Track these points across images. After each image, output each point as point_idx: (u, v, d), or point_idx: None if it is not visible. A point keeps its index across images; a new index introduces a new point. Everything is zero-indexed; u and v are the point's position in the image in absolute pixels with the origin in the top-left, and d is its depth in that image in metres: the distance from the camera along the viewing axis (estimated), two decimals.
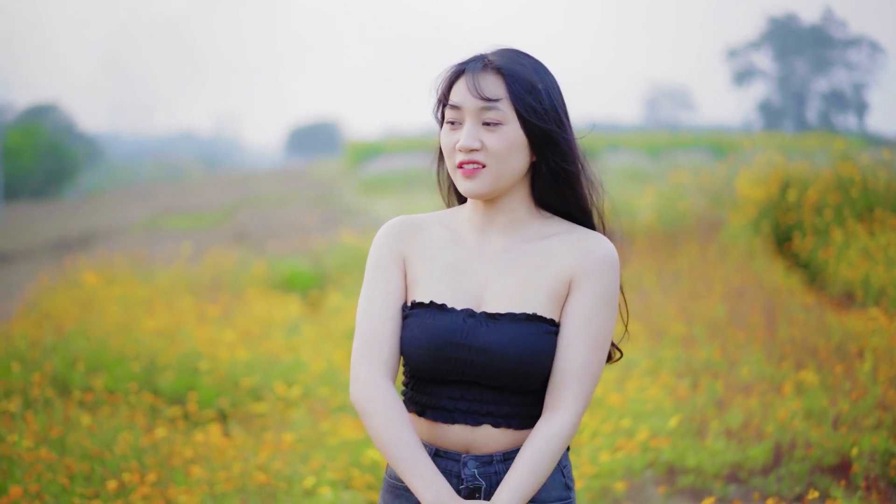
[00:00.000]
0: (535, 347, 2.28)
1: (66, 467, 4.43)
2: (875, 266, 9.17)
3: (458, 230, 2.44)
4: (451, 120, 2.35)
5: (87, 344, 6.55)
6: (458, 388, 2.33)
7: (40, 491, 4.13)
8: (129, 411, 5.62)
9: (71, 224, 23.99)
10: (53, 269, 12.14)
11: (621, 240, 2.55)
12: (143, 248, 14.71)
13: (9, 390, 5.60)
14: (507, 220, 2.39)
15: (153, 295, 9.45)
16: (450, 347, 2.30)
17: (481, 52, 2.40)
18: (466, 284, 2.36)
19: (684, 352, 6.55)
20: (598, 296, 2.31)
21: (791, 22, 58.51)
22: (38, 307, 9.02)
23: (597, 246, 2.35)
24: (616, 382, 6.02)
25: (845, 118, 56.65)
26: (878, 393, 5.34)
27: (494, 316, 2.31)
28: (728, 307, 7.69)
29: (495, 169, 2.32)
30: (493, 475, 2.32)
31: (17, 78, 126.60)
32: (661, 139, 39.34)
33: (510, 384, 2.30)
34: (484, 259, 2.38)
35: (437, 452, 2.35)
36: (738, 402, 5.42)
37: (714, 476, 4.77)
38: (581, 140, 2.43)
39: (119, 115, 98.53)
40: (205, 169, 57.69)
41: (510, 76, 2.32)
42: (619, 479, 4.76)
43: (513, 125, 2.32)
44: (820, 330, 6.88)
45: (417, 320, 2.34)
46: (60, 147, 40.89)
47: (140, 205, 28.12)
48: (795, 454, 4.81)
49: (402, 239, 2.42)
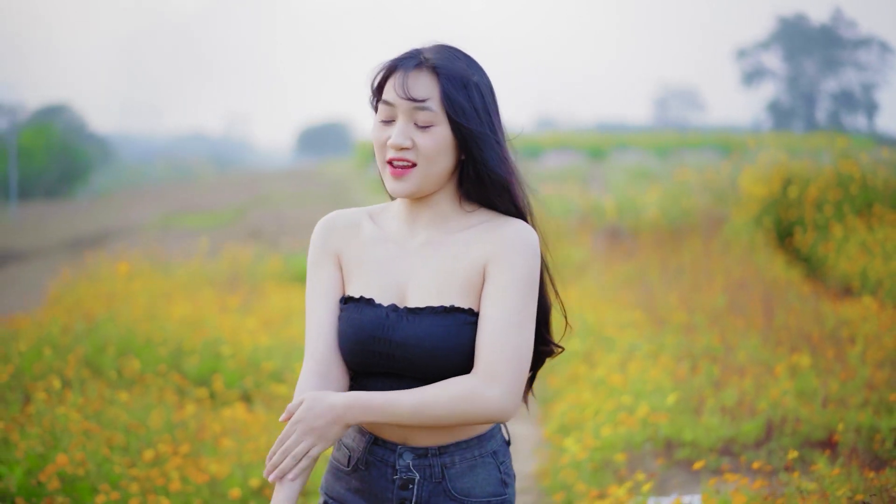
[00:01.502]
0: (452, 339, 2.30)
1: (106, 439, 4.77)
2: (872, 259, 9.49)
3: (387, 225, 2.46)
4: (384, 117, 2.36)
5: (116, 330, 6.89)
6: (388, 381, 2.35)
7: (84, 459, 4.46)
8: (159, 391, 5.97)
9: (84, 223, 24.24)
10: (75, 264, 12.49)
11: (627, 235, 2.70)
12: (158, 245, 15.03)
13: (45, 372, 5.94)
14: (433, 215, 2.41)
15: (174, 288, 9.79)
16: (374, 342, 2.34)
17: (417, 47, 2.40)
18: (392, 279, 2.38)
19: (685, 338, 6.86)
20: (510, 278, 2.30)
21: (800, 22, 58.59)
22: (62, 299, 9.36)
23: (512, 231, 2.34)
24: (619, 365, 6.34)
25: (855, 118, 56.73)
26: (865, 374, 5.66)
27: (415, 310, 2.33)
28: (728, 298, 8.00)
29: (424, 168, 2.34)
30: (427, 468, 2.36)
31: (27, 78, 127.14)
32: (669, 139, 39.58)
33: (433, 377, 2.31)
34: (408, 253, 2.40)
35: (375, 440, 2.39)
36: (733, 382, 5.73)
37: (709, 449, 5.08)
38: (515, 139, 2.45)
39: (129, 116, 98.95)
40: (215, 169, 57.96)
41: (444, 76, 2.33)
42: (620, 451, 5.08)
43: (443, 126, 2.33)
44: (815, 318, 7.20)
45: (347, 315, 2.38)
46: (72, 147, 41.09)
47: (152, 204, 28.34)
48: (786, 429, 5.12)
49: (335, 235, 2.46)
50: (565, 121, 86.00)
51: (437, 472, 2.36)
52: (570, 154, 36.04)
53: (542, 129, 69.90)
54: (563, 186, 18.20)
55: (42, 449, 4.55)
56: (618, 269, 9.82)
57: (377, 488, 2.38)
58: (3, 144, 34.82)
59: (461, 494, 2.36)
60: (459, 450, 2.36)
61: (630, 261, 10.14)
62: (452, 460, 2.36)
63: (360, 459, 2.40)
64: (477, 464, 2.38)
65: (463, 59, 2.38)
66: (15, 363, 5.93)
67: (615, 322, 7.58)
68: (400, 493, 2.36)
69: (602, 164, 30.37)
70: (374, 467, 2.38)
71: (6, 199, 31.85)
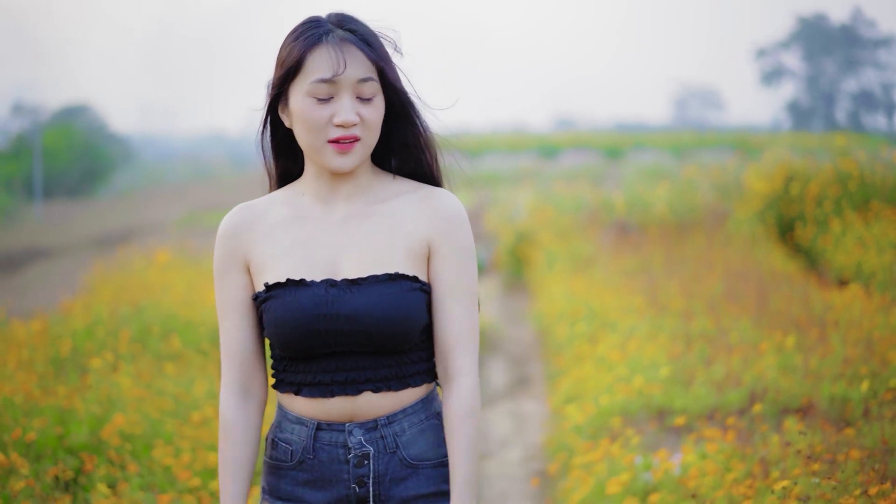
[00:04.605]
0: (404, 305, 2.29)
1: (157, 404, 5.37)
2: (867, 252, 10.03)
3: (298, 205, 2.39)
4: (321, 94, 2.28)
5: (159, 314, 7.51)
6: (333, 360, 2.31)
7: (139, 420, 5.06)
8: (200, 366, 6.58)
9: (109, 220, 24.75)
10: (105, 259, 13.11)
11: (635, 230, 2.89)
12: (185, 241, 15.60)
13: (98, 348, 6.57)
14: (352, 187, 2.38)
15: (206, 278, 10.39)
16: (317, 320, 2.27)
17: (317, 16, 2.35)
18: (318, 256, 2.33)
19: (682, 322, 7.41)
20: (460, 254, 2.35)
21: (820, 22, 58.67)
22: (99, 289, 9.97)
23: (445, 204, 2.37)
24: (619, 344, 6.91)
25: (874, 118, 56.84)
26: (844, 352, 6.20)
27: (356, 281, 2.30)
28: (727, 286, 8.55)
29: (368, 140, 2.32)
30: (380, 440, 2.34)
31: (47, 79, 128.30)
32: (686, 139, 39.93)
33: (385, 346, 2.30)
34: (331, 228, 2.36)
35: (319, 426, 2.34)
36: (722, 359, 6.29)
37: (697, 416, 5.64)
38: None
39: (149, 116, 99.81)
40: (234, 169, 58.55)
41: (377, 47, 2.32)
42: (617, 416, 5.64)
43: (380, 96, 2.32)
44: (804, 304, 7.74)
45: (278, 301, 2.30)
46: (94, 147, 41.68)
47: (174, 203, 28.82)
48: (767, 398, 5.67)
49: (236, 237, 2.38)
50: (584, 120, 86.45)
51: (390, 442, 2.34)
52: (587, 154, 36.51)
53: (561, 128, 70.34)
54: (577, 185, 18.77)
55: (101, 412, 5.14)
56: (624, 261, 10.39)
57: (330, 473, 2.35)
58: (27, 144, 35.47)
59: (416, 460, 2.36)
60: (407, 416, 2.35)
61: (636, 254, 10.71)
62: (402, 427, 2.35)
63: (307, 448, 2.35)
64: (426, 427, 2.37)
65: (364, 23, 2.35)
66: (71, 341, 6.57)
67: (618, 307, 8.14)
68: (356, 471, 2.33)
69: (618, 164, 30.85)
70: (322, 452, 2.34)
71: (31, 198, 32.48)
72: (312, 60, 2.28)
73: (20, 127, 41.38)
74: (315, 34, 2.29)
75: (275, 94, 2.34)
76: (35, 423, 4.76)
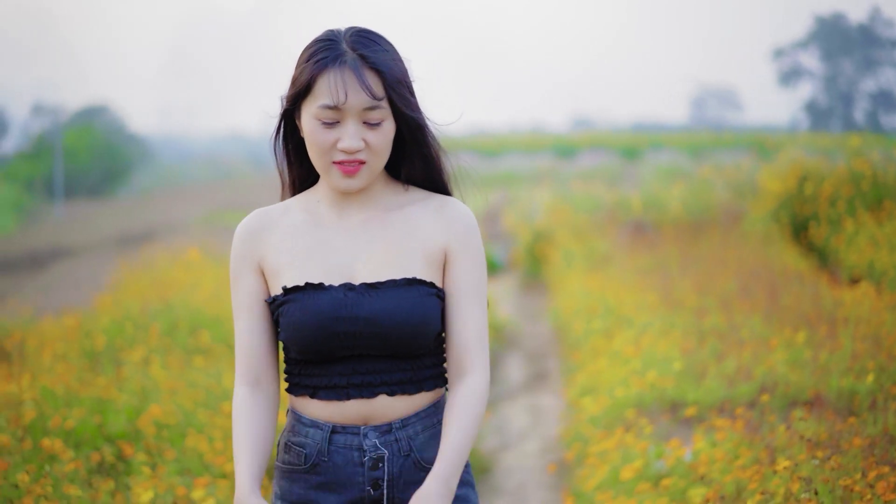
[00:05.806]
0: (421, 309, 2.33)
1: (190, 395, 5.60)
2: (879, 251, 10.21)
3: (314, 211, 2.43)
4: (326, 118, 2.31)
5: (186, 310, 7.75)
6: (349, 363, 2.34)
7: (173, 410, 5.29)
8: (228, 360, 6.80)
9: (129, 220, 24.99)
10: (128, 257, 13.37)
11: (651, 229, 2.96)
12: (207, 240, 15.82)
13: (130, 343, 6.81)
14: (365, 195, 2.41)
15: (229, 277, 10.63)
16: (337, 323, 2.30)
17: (330, 33, 2.35)
18: (335, 260, 2.36)
19: (695, 318, 7.61)
20: (475, 262, 2.40)
21: (838, 22, 58.61)
22: (124, 287, 10.23)
23: (460, 212, 2.42)
24: (633, 339, 7.11)
25: (892, 118, 56.77)
26: (852, 347, 6.39)
27: (375, 285, 2.33)
28: (740, 284, 8.74)
29: (374, 164, 2.34)
30: (395, 443, 2.36)
31: (67, 79, 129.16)
32: (704, 139, 40.03)
33: (401, 350, 2.34)
34: (347, 233, 2.39)
35: (334, 429, 2.36)
36: (734, 354, 6.48)
37: (709, 408, 5.84)
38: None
39: (167, 117, 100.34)
40: (253, 169, 58.85)
41: (387, 72, 2.31)
42: (631, 408, 5.85)
43: (390, 120, 2.33)
44: (815, 301, 7.93)
45: (297, 304, 2.33)
46: (114, 147, 42.00)
47: (193, 203, 29.00)
48: (777, 391, 5.86)
49: (253, 239, 2.42)
50: (602, 121, 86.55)
51: (404, 445, 2.37)
52: (604, 154, 36.68)
53: (578, 128, 70.46)
54: (594, 184, 18.96)
55: (136, 403, 5.38)
56: (640, 260, 10.59)
57: (345, 476, 2.37)
58: (48, 144, 35.81)
59: (429, 463, 2.38)
60: (420, 419, 2.39)
61: (652, 252, 10.92)
62: (416, 430, 2.38)
63: (322, 451, 2.37)
64: (438, 430, 2.40)
65: (382, 42, 2.35)
66: (105, 336, 6.82)
67: (633, 304, 8.34)
68: (371, 473, 2.36)
69: (636, 164, 31.00)
70: (337, 455, 2.37)
71: (51, 198, 32.83)
72: (320, 85, 2.30)
73: (41, 127, 41.81)
74: (326, 58, 2.30)
75: (288, 109, 2.39)
76: (74, 412, 5.00)
